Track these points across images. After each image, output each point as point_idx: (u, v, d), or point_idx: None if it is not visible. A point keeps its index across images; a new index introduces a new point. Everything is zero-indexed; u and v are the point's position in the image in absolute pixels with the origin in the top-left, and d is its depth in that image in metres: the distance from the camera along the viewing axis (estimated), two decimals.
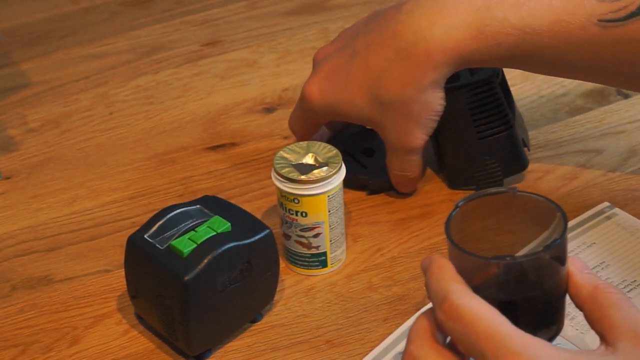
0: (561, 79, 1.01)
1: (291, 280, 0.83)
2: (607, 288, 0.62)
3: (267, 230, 0.76)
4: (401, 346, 0.75)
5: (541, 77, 1.02)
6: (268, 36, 1.15)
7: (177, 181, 0.94)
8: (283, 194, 0.80)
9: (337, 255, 0.83)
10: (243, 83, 1.08)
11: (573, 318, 0.76)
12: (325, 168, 0.80)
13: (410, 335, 0.63)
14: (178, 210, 0.77)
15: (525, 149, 0.90)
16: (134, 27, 1.18)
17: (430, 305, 0.63)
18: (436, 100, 0.83)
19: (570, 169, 0.93)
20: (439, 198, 0.90)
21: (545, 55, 0.80)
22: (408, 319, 0.78)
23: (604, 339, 0.61)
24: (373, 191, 0.91)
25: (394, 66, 0.82)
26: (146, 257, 0.75)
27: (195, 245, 0.73)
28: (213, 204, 0.78)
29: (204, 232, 0.74)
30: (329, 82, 0.86)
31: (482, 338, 0.58)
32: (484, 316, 0.58)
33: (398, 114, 0.83)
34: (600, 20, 0.78)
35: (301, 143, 0.82)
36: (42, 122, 1.03)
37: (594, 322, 0.61)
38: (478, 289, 0.61)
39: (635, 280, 0.79)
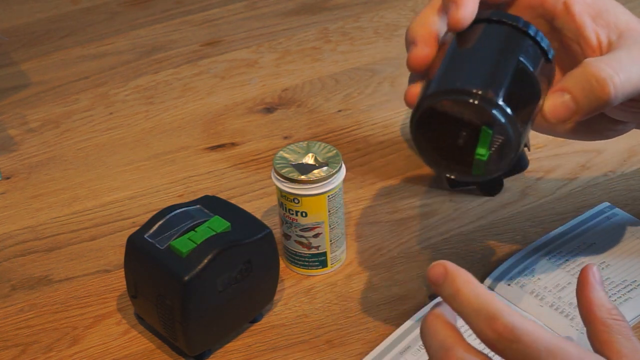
0: None
1: (291, 280, 0.83)
2: (620, 316, 0.63)
3: (267, 230, 0.76)
4: (401, 346, 0.75)
5: None
6: (268, 36, 1.15)
7: (177, 181, 0.94)
8: (283, 194, 0.80)
9: (337, 255, 0.83)
10: (243, 83, 1.08)
11: (573, 318, 0.76)
12: (325, 168, 0.80)
13: (442, 340, 0.62)
14: (178, 210, 0.77)
15: (526, 149, 0.90)
16: (134, 27, 1.18)
17: (435, 306, 0.62)
18: None
19: (570, 169, 0.93)
20: (439, 198, 0.90)
21: None
22: (408, 319, 0.78)
23: None
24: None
25: None
26: (146, 257, 0.75)
27: (195, 245, 0.73)
28: (213, 204, 0.78)
29: (204, 232, 0.74)
30: None
31: (545, 355, 0.58)
32: (540, 335, 0.58)
33: None
34: None
35: (301, 143, 0.82)
36: (42, 122, 1.03)
37: (602, 343, 0.61)
38: None
39: (635, 280, 0.79)
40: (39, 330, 0.80)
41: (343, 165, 0.81)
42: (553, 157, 0.94)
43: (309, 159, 0.81)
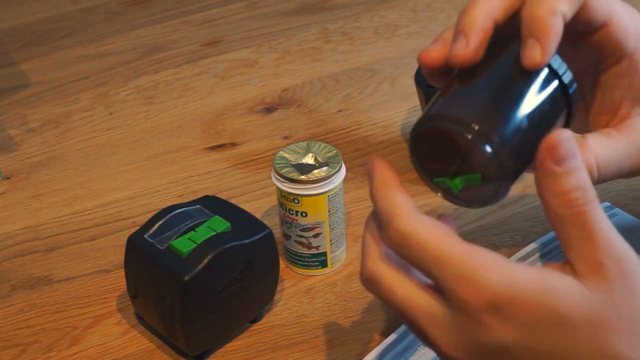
0: None
1: (291, 280, 0.83)
2: (580, 199, 0.55)
3: (267, 230, 0.76)
4: (401, 346, 0.75)
5: None
6: (268, 36, 1.15)
7: (177, 181, 0.94)
8: (283, 194, 0.80)
9: (337, 255, 0.83)
10: (243, 83, 1.08)
11: None
12: (325, 168, 0.80)
13: (364, 247, 0.61)
14: (178, 210, 0.77)
15: None
16: (134, 27, 1.18)
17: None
18: None
19: None
20: (439, 198, 0.90)
21: None
22: None
23: (575, 263, 0.56)
24: None
25: None
26: (146, 257, 0.75)
27: (195, 245, 0.73)
28: (213, 204, 0.78)
29: (204, 232, 0.74)
30: None
31: (432, 264, 0.56)
32: (431, 241, 0.56)
33: None
34: None
35: (301, 143, 0.82)
36: (42, 122, 1.03)
37: (563, 245, 0.57)
38: None
39: None
40: (39, 330, 0.80)
41: (343, 165, 0.81)
42: None
43: (309, 159, 0.81)
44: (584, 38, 0.65)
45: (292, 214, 0.80)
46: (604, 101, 0.68)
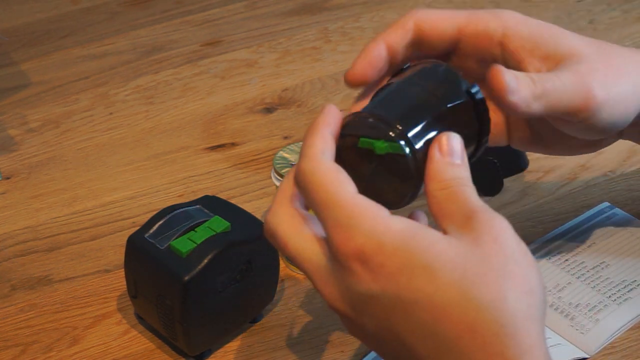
0: None
1: (291, 280, 0.83)
2: (452, 182, 0.59)
3: None
4: None
5: None
6: (268, 36, 1.15)
7: (177, 181, 0.94)
8: None
9: None
10: (243, 83, 1.08)
11: (573, 318, 0.76)
12: None
13: (275, 195, 0.62)
14: (178, 210, 0.77)
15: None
16: (134, 27, 1.18)
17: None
18: None
19: (570, 169, 0.93)
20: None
21: None
22: None
23: (443, 223, 0.59)
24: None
25: None
26: (146, 257, 0.75)
27: (195, 245, 0.73)
28: (213, 204, 0.78)
29: (204, 232, 0.74)
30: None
31: (320, 207, 0.58)
32: (324, 184, 0.58)
33: None
34: None
35: (301, 143, 0.82)
36: (42, 122, 1.03)
37: (434, 216, 0.59)
38: None
39: (635, 280, 0.79)
40: (39, 330, 0.80)
41: None
42: (553, 157, 0.94)
43: None
44: (459, 52, 0.70)
45: None
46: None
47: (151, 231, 0.76)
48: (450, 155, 0.60)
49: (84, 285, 0.84)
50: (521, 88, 0.64)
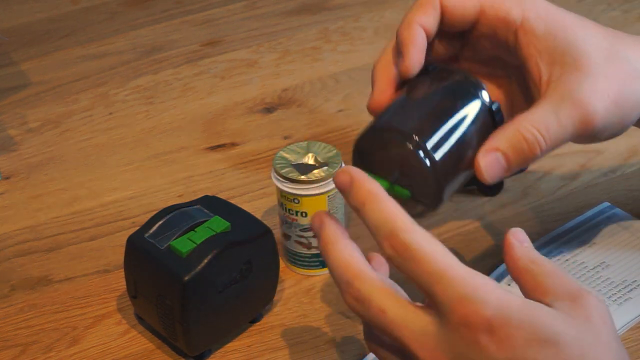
0: None
1: (291, 280, 0.83)
2: (542, 260, 0.62)
3: (267, 230, 0.76)
4: None
5: None
6: (268, 36, 1.15)
7: (177, 181, 0.94)
8: (283, 194, 0.80)
9: None
10: (243, 83, 1.08)
11: None
12: (325, 168, 0.80)
13: (346, 266, 0.62)
14: (178, 210, 0.77)
15: None
16: (134, 27, 1.18)
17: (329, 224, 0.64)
18: None
19: (570, 169, 0.93)
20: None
21: None
22: None
23: (551, 296, 0.60)
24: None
25: None
26: (146, 257, 0.75)
27: (195, 245, 0.73)
28: (213, 204, 0.78)
29: (204, 232, 0.74)
30: None
31: (433, 279, 0.58)
32: (434, 256, 0.58)
33: None
34: None
35: (301, 143, 0.82)
36: (42, 122, 1.03)
37: (529, 291, 0.61)
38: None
39: (635, 280, 0.79)
40: (39, 330, 0.80)
41: (343, 165, 0.81)
42: (553, 157, 0.94)
43: (309, 159, 0.81)
44: (475, 31, 0.71)
45: (292, 214, 0.80)
46: (528, 75, 0.70)
47: (151, 231, 0.76)
48: (525, 241, 0.63)
49: (84, 285, 0.84)
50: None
